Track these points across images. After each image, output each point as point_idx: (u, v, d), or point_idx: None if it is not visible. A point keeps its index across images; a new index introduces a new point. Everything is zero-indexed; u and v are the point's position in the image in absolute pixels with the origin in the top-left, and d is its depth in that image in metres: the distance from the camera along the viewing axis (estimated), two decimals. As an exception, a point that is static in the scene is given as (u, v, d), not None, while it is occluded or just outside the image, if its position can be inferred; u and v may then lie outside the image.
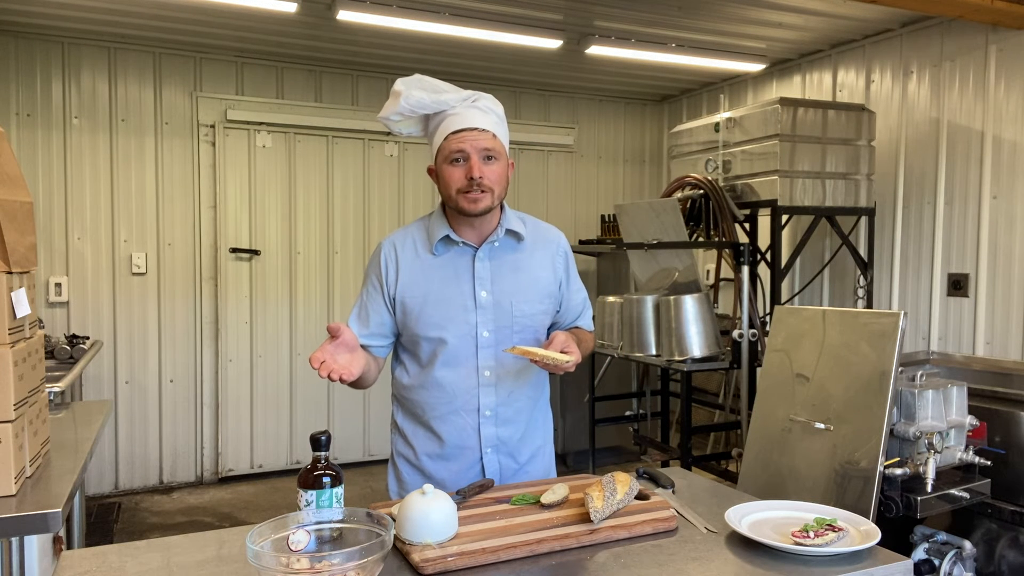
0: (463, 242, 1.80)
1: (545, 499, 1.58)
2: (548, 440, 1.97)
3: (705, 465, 4.43)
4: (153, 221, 4.91)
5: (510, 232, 1.83)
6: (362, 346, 1.78)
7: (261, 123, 5.07)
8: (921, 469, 2.10)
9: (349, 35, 4.56)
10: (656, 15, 4.19)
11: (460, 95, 1.74)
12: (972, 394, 2.37)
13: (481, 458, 1.82)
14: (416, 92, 1.71)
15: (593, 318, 2.07)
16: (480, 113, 1.73)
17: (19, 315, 1.73)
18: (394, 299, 1.81)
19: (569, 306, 1.94)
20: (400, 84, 1.73)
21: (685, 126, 4.78)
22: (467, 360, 1.79)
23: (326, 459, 1.41)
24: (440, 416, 1.82)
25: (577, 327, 1.96)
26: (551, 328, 1.92)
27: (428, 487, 1.43)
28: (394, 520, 1.39)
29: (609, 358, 4.56)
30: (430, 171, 1.82)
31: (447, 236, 1.79)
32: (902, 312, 2.13)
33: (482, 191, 1.71)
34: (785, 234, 4.30)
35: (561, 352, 1.66)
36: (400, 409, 1.91)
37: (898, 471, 2.11)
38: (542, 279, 1.86)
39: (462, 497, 1.60)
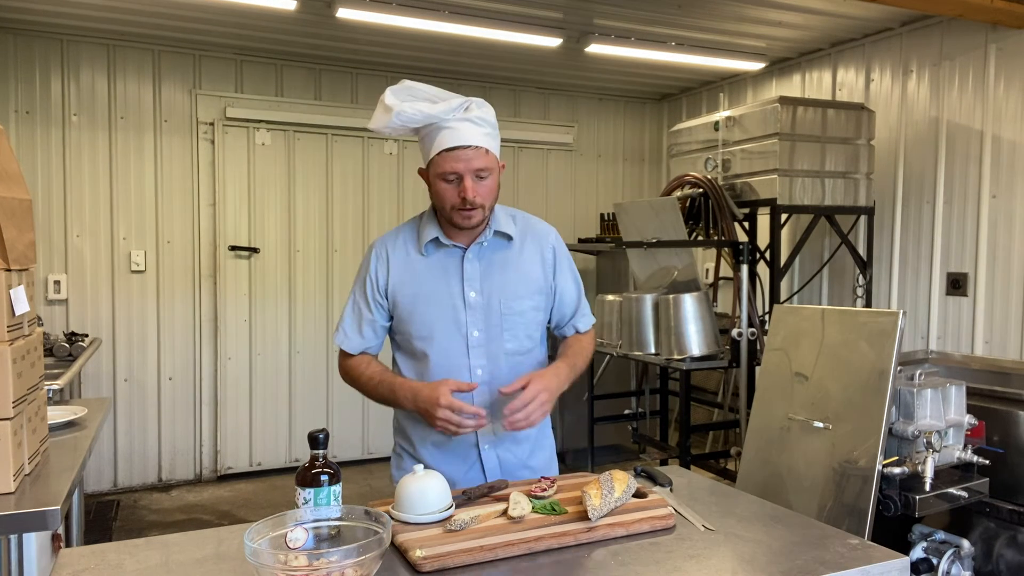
0: (452, 244, 1.82)
1: (513, 513, 1.50)
2: (545, 432, 1.98)
3: (704, 464, 4.44)
4: (152, 219, 4.90)
5: (499, 233, 1.84)
6: (362, 352, 1.89)
7: (260, 121, 5.07)
8: (919, 468, 2.10)
9: (349, 33, 4.55)
10: (656, 14, 4.19)
11: (451, 105, 1.71)
12: (971, 393, 2.37)
13: (479, 454, 1.84)
14: (407, 108, 1.69)
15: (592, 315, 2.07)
16: (472, 126, 1.71)
17: (18, 313, 1.73)
18: (386, 294, 1.84)
19: (563, 300, 1.94)
20: (390, 97, 1.70)
21: (685, 125, 4.77)
22: (458, 359, 1.81)
23: (324, 457, 1.42)
24: None
25: (575, 335, 1.97)
26: (553, 329, 1.94)
27: (419, 467, 1.52)
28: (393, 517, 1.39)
29: (608, 356, 4.55)
30: (421, 173, 1.83)
31: (436, 239, 1.82)
32: (901, 311, 2.14)
33: (475, 208, 1.74)
34: (784, 233, 4.30)
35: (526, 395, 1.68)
36: None
37: (896, 470, 2.11)
38: (532, 274, 1.87)
39: (467, 498, 1.60)
